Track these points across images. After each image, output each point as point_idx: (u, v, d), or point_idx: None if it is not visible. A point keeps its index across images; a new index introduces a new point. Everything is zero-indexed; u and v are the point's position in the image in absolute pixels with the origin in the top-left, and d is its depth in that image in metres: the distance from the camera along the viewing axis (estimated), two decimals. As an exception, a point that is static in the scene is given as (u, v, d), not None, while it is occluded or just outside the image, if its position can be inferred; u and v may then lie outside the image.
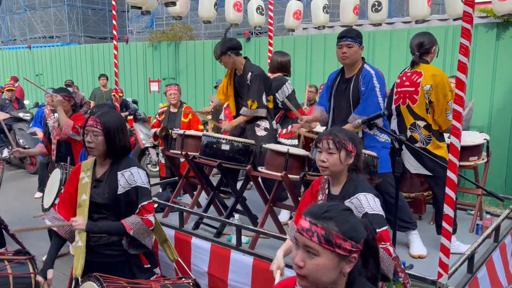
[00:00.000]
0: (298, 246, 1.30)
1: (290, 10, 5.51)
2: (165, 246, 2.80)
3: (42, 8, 22.73)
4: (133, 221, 2.36)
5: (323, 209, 1.30)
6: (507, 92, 6.28)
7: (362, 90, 3.16)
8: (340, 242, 1.25)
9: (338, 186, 2.20)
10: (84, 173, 2.45)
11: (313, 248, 1.26)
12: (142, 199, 2.39)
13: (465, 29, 2.30)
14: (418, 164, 3.29)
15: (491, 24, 6.36)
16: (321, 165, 2.15)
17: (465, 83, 2.34)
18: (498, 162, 6.11)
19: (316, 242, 1.25)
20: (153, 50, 11.25)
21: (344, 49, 3.18)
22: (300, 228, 1.29)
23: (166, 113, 5.35)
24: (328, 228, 1.26)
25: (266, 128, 3.92)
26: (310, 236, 1.26)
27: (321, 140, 2.16)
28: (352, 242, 1.26)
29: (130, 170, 2.40)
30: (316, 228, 1.26)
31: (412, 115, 3.28)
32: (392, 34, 7.31)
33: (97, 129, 2.35)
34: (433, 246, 3.19)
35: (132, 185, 2.38)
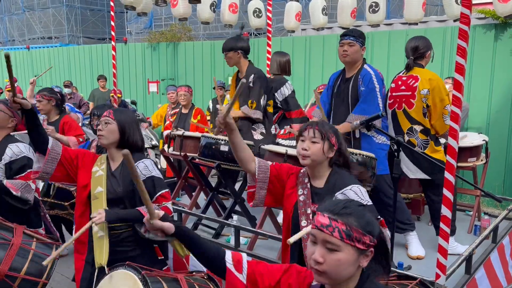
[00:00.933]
0: (315, 242, 1.31)
1: (291, 11, 5.51)
2: (175, 243, 2.80)
3: (41, 9, 22.71)
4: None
5: (341, 205, 1.33)
6: (505, 93, 6.30)
7: (362, 90, 3.16)
8: (360, 237, 1.28)
9: (320, 179, 2.16)
10: (98, 166, 2.48)
11: (334, 244, 1.27)
12: (159, 188, 2.42)
13: (462, 30, 2.31)
14: (416, 168, 3.30)
15: (490, 25, 6.38)
16: (303, 154, 2.10)
17: (462, 84, 2.35)
18: (496, 163, 6.12)
19: (337, 238, 1.27)
20: (152, 51, 11.25)
21: (345, 47, 3.20)
22: (319, 224, 1.30)
23: (177, 114, 5.50)
24: (349, 223, 1.28)
25: (262, 132, 3.91)
26: (331, 232, 1.27)
27: (305, 129, 2.14)
28: (370, 237, 1.29)
29: (143, 161, 2.44)
30: (336, 224, 1.28)
31: (409, 120, 3.28)
32: (390, 35, 7.33)
33: (110, 118, 2.42)
34: (432, 247, 3.20)
35: (147, 175, 2.41)
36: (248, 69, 3.94)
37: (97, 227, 2.36)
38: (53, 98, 4.19)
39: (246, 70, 3.93)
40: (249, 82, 3.85)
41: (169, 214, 2.41)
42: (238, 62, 3.92)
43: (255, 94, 3.81)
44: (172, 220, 1.80)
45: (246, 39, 4.29)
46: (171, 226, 1.74)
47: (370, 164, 2.95)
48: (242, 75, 3.97)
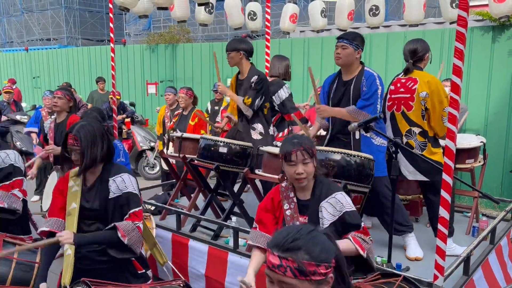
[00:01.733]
0: (273, 282, 1.25)
1: (286, 13, 5.53)
2: (154, 251, 2.80)
3: (40, 11, 22.70)
4: (128, 228, 2.30)
5: (289, 238, 1.23)
6: (503, 95, 6.31)
7: (364, 90, 3.18)
8: (314, 269, 1.20)
9: (306, 191, 2.20)
10: (73, 181, 2.41)
11: (289, 283, 1.21)
12: (133, 206, 2.36)
13: (459, 33, 2.32)
14: (414, 170, 3.31)
15: (487, 27, 6.40)
16: (299, 178, 2.11)
17: (460, 86, 2.36)
18: (494, 164, 6.13)
19: (291, 277, 1.20)
20: (151, 53, 11.25)
21: (338, 49, 3.21)
22: (271, 264, 1.23)
23: (179, 116, 5.58)
24: (299, 259, 1.20)
25: (261, 132, 3.92)
26: (284, 272, 1.20)
27: (291, 152, 2.11)
28: (325, 265, 1.22)
29: (121, 176, 2.38)
30: (287, 263, 1.20)
31: (407, 122, 3.29)
32: (388, 37, 7.35)
33: (78, 148, 2.33)
34: (430, 248, 3.20)
35: (123, 191, 2.35)
36: (250, 70, 3.95)
37: (66, 244, 2.28)
38: (71, 99, 4.30)
39: (249, 72, 3.94)
40: (252, 82, 3.87)
41: (140, 233, 2.36)
42: (239, 63, 3.93)
43: (253, 94, 3.83)
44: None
45: (250, 41, 4.31)
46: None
47: (368, 165, 2.96)
48: (243, 76, 3.98)
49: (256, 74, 3.88)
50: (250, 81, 3.88)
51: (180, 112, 5.64)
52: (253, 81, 3.86)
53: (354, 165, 2.91)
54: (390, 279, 2.01)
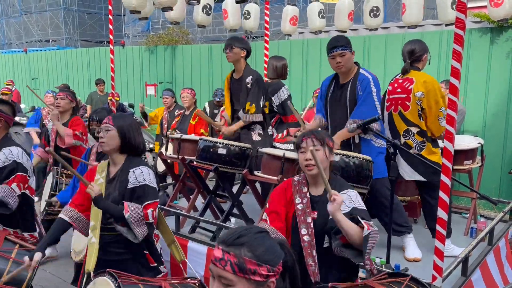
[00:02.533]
0: (214, 277, 1.22)
1: (287, 15, 5.54)
2: (172, 247, 2.81)
3: (38, 12, 22.71)
4: (133, 206, 2.36)
5: (235, 234, 1.22)
6: (501, 96, 6.33)
7: (360, 95, 3.17)
8: (255, 268, 1.17)
9: (319, 187, 2.21)
10: (99, 174, 2.51)
11: (227, 279, 1.18)
12: (149, 198, 2.42)
13: (457, 35, 2.33)
14: (412, 170, 3.32)
15: (485, 29, 6.42)
16: (308, 164, 2.14)
17: (458, 88, 2.38)
18: (492, 165, 6.15)
19: (229, 271, 1.17)
20: (150, 54, 11.26)
21: (337, 58, 3.19)
22: (214, 258, 1.21)
23: (181, 115, 5.67)
24: (241, 255, 1.18)
25: (260, 133, 3.92)
26: (224, 266, 1.18)
27: (302, 140, 2.16)
28: (267, 266, 1.19)
29: (140, 168, 2.46)
30: (228, 256, 1.18)
31: (405, 122, 3.31)
32: (387, 38, 7.37)
33: (109, 125, 2.44)
34: (428, 249, 3.21)
35: (141, 183, 2.42)
36: (245, 70, 3.93)
37: (91, 232, 2.38)
38: (74, 101, 4.34)
39: (244, 71, 3.93)
40: (247, 84, 3.86)
41: (147, 220, 2.39)
42: (238, 60, 3.90)
43: (254, 97, 3.82)
44: None
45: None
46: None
47: (366, 166, 2.97)
48: (239, 75, 3.97)
49: (251, 75, 3.87)
50: (245, 82, 3.88)
51: (182, 112, 5.71)
52: (249, 82, 3.85)
53: (352, 166, 2.92)
54: (398, 279, 2.01)
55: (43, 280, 4.11)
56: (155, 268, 2.56)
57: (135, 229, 2.37)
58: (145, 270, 2.49)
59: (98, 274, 2.10)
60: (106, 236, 2.44)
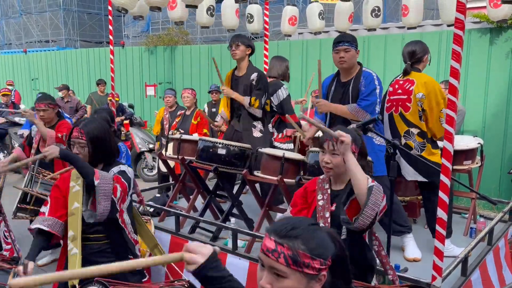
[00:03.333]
0: (264, 267, 1.21)
1: (286, 16, 5.55)
2: (155, 251, 2.80)
3: (38, 12, 22.70)
4: (105, 176, 2.32)
5: (288, 226, 1.21)
6: (500, 97, 6.34)
7: (363, 90, 3.21)
8: (309, 262, 1.17)
9: (342, 183, 2.25)
10: (74, 181, 2.42)
11: (280, 270, 1.17)
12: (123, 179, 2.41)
13: (457, 35, 2.34)
14: (414, 171, 3.32)
15: (485, 29, 6.43)
16: (325, 166, 2.18)
17: (457, 88, 2.38)
18: (492, 166, 6.15)
19: (283, 264, 1.16)
20: (149, 55, 11.26)
21: (341, 53, 3.21)
22: (265, 248, 1.20)
23: (182, 115, 5.71)
24: (295, 247, 1.17)
25: (261, 130, 3.97)
26: (277, 258, 1.17)
27: (325, 140, 2.19)
28: (320, 260, 1.19)
29: (119, 167, 2.46)
30: (282, 249, 1.17)
31: (405, 123, 3.31)
32: (386, 39, 7.37)
33: (82, 141, 2.37)
34: (428, 249, 3.21)
35: (116, 171, 2.42)
36: (249, 68, 4.01)
37: (71, 243, 2.29)
38: (56, 106, 4.28)
39: (247, 69, 4.00)
40: (252, 80, 3.91)
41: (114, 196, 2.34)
42: (243, 58, 3.97)
43: (259, 94, 3.89)
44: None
45: None
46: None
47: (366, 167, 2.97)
48: (241, 72, 4.02)
49: (255, 72, 3.94)
50: (249, 79, 3.92)
51: (183, 112, 5.73)
52: (254, 79, 3.90)
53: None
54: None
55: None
56: (139, 272, 2.53)
57: (100, 202, 2.28)
58: (131, 275, 2.45)
59: (85, 285, 2.03)
60: (89, 246, 2.39)
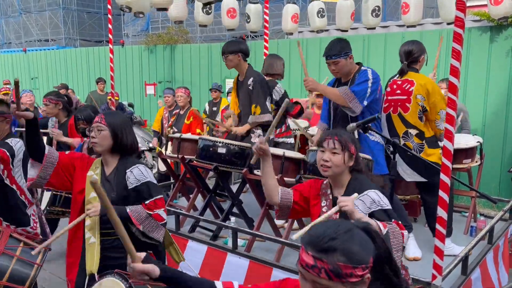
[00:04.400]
0: (306, 279, 1.20)
1: (287, 13, 5.54)
2: (170, 249, 2.80)
3: (38, 11, 22.68)
4: (141, 216, 2.33)
5: (326, 238, 1.16)
6: (500, 95, 6.33)
7: (356, 81, 3.23)
8: (351, 272, 1.14)
9: (341, 187, 2.21)
10: (93, 171, 2.46)
11: (323, 284, 1.16)
12: (154, 194, 2.41)
13: (457, 33, 2.33)
14: (412, 171, 3.32)
15: (485, 27, 6.42)
16: (324, 164, 2.14)
17: (457, 87, 2.38)
18: (492, 164, 6.15)
19: (325, 278, 1.14)
20: (149, 54, 11.25)
21: (332, 66, 3.26)
22: (305, 264, 1.17)
23: (177, 115, 5.68)
24: (335, 261, 1.14)
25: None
26: (318, 273, 1.15)
27: (325, 139, 2.16)
28: (363, 266, 1.16)
29: (138, 167, 2.43)
30: (321, 264, 1.14)
31: (404, 124, 3.31)
32: (386, 37, 7.37)
33: (102, 124, 2.39)
34: (428, 248, 3.21)
35: (142, 181, 2.40)
36: (247, 72, 3.94)
37: (89, 232, 2.34)
38: (60, 101, 4.31)
39: (247, 72, 3.94)
40: (249, 86, 3.86)
41: (161, 221, 2.40)
42: (237, 64, 3.92)
43: (257, 98, 3.82)
44: (154, 261, 1.63)
45: (245, 42, 4.32)
46: (155, 269, 1.56)
47: (366, 165, 2.96)
48: (242, 77, 3.99)
49: (251, 76, 3.88)
50: (247, 84, 3.88)
51: (178, 112, 5.70)
52: (250, 84, 3.85)
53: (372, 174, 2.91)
54: None
55: (43, 279, 4.11)
56: None
57: (154, 236, 2.38)
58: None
59: (104, 275, 2.04)
60: (104, 240, 2.39)
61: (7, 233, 2.54)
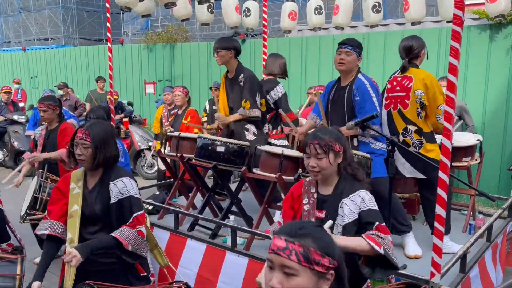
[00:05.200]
0: (273, 268, 1.24)
1: (285, 11, 5.53)
2: (155, 252, 2.79)
3: (37, 10, 22.67)
4: (128, 236, 2.31)
5: (297, 225, 1.26)
6: (500, 93, 6.33)
7: (357, 100, 3.16)
8: (319, 259, 1.21)
9: (329, 186, 2.19)
10: (75, 183, 2.42)
11: (292, 268, 1.20)
12: (135, 209, 2.38)
13: (455, 31, 2.33)
14: (412, 168, 3.32)
15: (484, 25, 6.42)
16: (312, 170, 2.14)
17: (456, 85, 2.37)
18: (491, 162, 6.15)
19: (295, 261, 1.19)
20: (148, 52, 11.24)
21: (342, 55, 3.20)
22: (276, 247, 1.22)
23: (175, 115, 5.66)
24: (306, 245, 1.21)
25: (255, 132, 3.92)
26: (288, 255, 1.20)
27: (307, 145, 2.14)
28: (329, 258, 1.22)
29: (122, 180, 2.39)
30: (293, 246, 1.20)
31: (404, 120, 3.31)
32: (386, 35, 7.36)
33: (86, 142, 2.34)
34: (427, 246, 3.21)
35: (125, 195, 2.36)
36: (237, 69, 3.97)
37: (69, 246, 2.30)
38: (57, 107, 4.29)
39: (236, 70, 3.97)
40: (240, 82, 3.89)
41: (144, 238, 2.39)
42: (228, 61, 3.94)
43: (247, 93, 3.84)
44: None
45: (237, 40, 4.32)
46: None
47: (365, 164, 2.96)
48: (232, 74, 4.01)
49: (241, 73, 3.91)
50: (238, 80, 3.91)
51: (175, 111, 5.69)
52: (241, 80, 3.89)
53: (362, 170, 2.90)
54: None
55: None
56: (145, 278, 2.52)
57: (141, 252, 2.38)
58: (135, 279, 2.44)
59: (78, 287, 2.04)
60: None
61: None
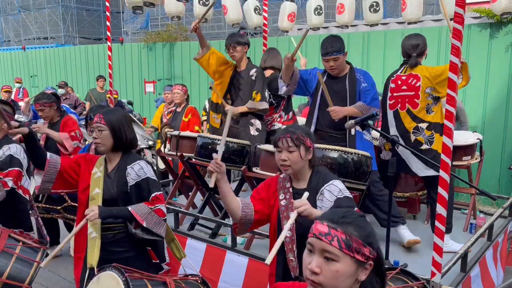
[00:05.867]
0: (313, 251, 1.24)
1: (284, 11, 5.53)
2: (172, 246, 2.81)
3: (37, 9, 22.63)
4: (144, 212, 2.38)
5: (340, 213, 1.26)
6: (500, 92, 6.32)
7: (364, 86, 3.27)
8: (360, 248, 1.21)
9: (303, 180, 2.22)
10: (97, 168, 2.52)
11: (333, 253, 1.20)
12: (154, 190, 2.46)
13: (456, 30, 2.32)
14: (424, 166, 3.29)
15: (485, 24, 6.40)
16: (283, 164, 2.15)
17: (456, 83, 2.37)
18: (491, 161, 6.14)
19: (336, 247, 1.20)
20: (148, 51, 11.23)
21: (331, 62, 3.27)
22: (318, 232, 1.23)
23: (173, 112, 5.66)
24: (348, 233, 1.21)
25: (258, 128, 3.99)
26: (330, 241, 1.20)
27: (279, 139, 2.15)
28: (370, 248, 1.23)
29: (139, 163, 2.48)
30: (336, 233, 1.21)
31: (414, 119, 3.31)
32: (386, 34, 7.34)
33: (102, 125, 2.42)
34: (427, 245, 3.21)
35: (142, 177, 2.45)
36: (248, 64, 4.11)
37: (91, 227, 2.39)
38: (53, 103, 4.29)
39: (247, 65, 4.10)
40: (251, 76, 4.00)
41: (162, 217, 2.45)
42: (242, 56, 4.06)
43: (260, 86, 3.95)
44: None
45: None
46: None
47: (365, 162, 2.96)
48: (242, 69, 4.12)
49: (254, 67, 4.05)
50: (249, 74, 4.00)
51: (174, 109, 5.67)
52: (253, 75, 4.00)
53: (351, 162, 2.91)
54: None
55: (42, 278, 4.11)
56: (157, 265, 2.56)
57: (158, 231, 2.43)
58: (147, 266, 2.47)
59: (102, 269, 2.09)
60: (105, 235, 2.43)
61: (6, 232, 2.55)
